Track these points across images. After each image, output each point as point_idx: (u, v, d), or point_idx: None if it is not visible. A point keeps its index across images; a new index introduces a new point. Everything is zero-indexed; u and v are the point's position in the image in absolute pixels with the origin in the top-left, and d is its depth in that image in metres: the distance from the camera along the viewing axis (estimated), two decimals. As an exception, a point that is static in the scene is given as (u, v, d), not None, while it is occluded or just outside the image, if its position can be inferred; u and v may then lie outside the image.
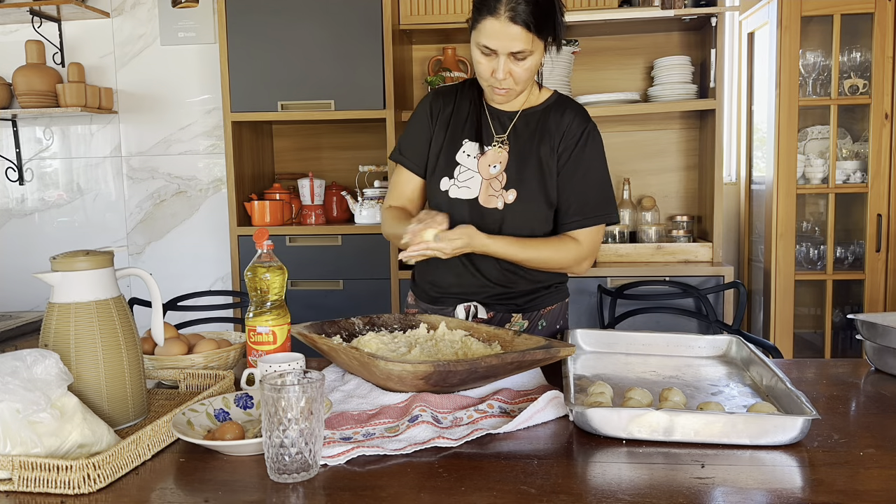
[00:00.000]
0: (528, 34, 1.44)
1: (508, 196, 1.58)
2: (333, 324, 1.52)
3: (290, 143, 3.43)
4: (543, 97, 1.65)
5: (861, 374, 1.43)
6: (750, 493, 0.90)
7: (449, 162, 1.63)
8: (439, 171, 1.64)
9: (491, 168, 1.60)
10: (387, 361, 1.18)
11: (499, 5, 1.42)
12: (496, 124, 1.64)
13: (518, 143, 1.61)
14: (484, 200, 1.59)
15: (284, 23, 2.92)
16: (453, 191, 1.61)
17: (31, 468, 0.92)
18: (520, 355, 1.24)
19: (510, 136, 1.62)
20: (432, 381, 1.19)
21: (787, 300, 2.92)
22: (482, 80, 1.55)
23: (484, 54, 1.49)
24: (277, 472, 0.95)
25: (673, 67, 2.97)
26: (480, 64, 1.51)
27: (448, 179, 1.62)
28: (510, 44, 1.45)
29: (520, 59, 1.48)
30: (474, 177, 1.61)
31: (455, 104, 1.67)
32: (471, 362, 1.19)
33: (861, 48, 2.90)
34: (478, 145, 1.62)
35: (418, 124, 1.69)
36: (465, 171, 1.61)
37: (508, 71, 1.49)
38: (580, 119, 1.61)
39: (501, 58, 1.47)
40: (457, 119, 1.65)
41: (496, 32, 1.44)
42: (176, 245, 3.51)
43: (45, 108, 3.22)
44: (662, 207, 3.24)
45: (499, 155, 1.61)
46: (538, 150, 1.60)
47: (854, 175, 2.94)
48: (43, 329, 1.13)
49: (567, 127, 1.60)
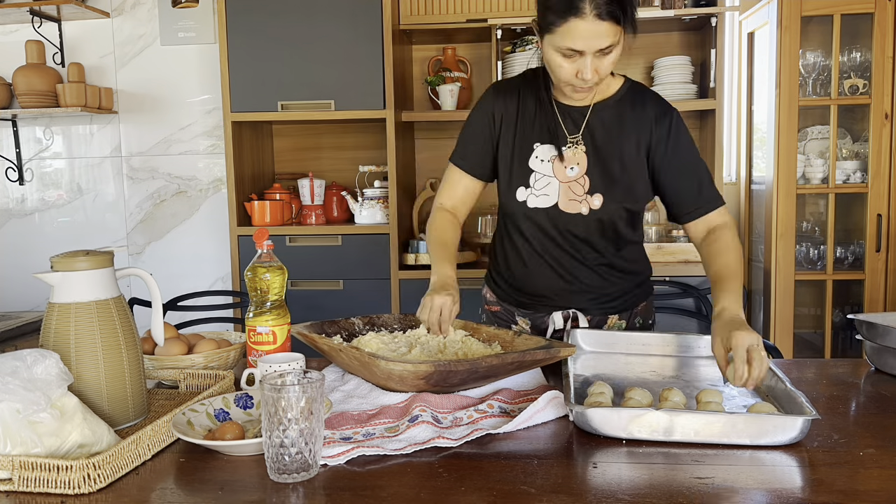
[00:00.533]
0: (615, 27, 1.34)
1: (594, 201, 1.51)
2: (333, 324, 1.52)
3: (290, 143, 3.43)
4: (615, 87, 1.55)
5: (861, 374, 1.43)
6: (750, 493, 0.90)
7: (523, 169, 1.54)
8: (514, 180, 1.55)
9: (568, 171, 1.51)
10: (387, 361, 1.18)
11: (583, 4, 1.31)
12: (569, 123, 1.53)
13: (596, 142, 1.52)
14: (564, 206, 1.52)
15: (284, 23, 2.92)
16: (531, 200, 1.53)
17: (31, 468, 0.92)
18: (520, 355, 1.24)
19: (584, 134, 1.52)
20: (433, 380, 1.19)
21: (787, 300, 2.92)
22: (562, 82, 1.44)
23: (567, 57, 1.38)
24: (277, 472, 0.95)
25: (673, 67, 2.97)
26: (562, 68, 1.39)
27: (524, 189, 1.53)
28: (599, 41, 1.34)
29: (606, 54, 1.38)
30: (551, 182, 1.52)
31: (520, 102, 1.56)
32: (471, 362, 1.19)
33: (861, 48, 2.90)
34: (552, 148, 1.52)
35: (480, 125, 1.58)
36: (542, 177, 1.52)
37: (595, 68, 1.38)
38: (663, 107, 1.53)
39: (588, 57, 1.36)
40: (524, 120, 1.55)
41: (584, 32, 1.33)
42: (176, 245, 3.51)
43: (45, 108, 3.22)
44: (663, 207, 3.23)
45: (576, 156, 1.51)
46: (621, 147, 1.51)
47: (854, 175, 2.94)
48: (43, 329, 1.13)
49: (653, 119, 1.51)
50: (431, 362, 1.17)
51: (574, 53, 1.37)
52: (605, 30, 1.33)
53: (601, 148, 1.52)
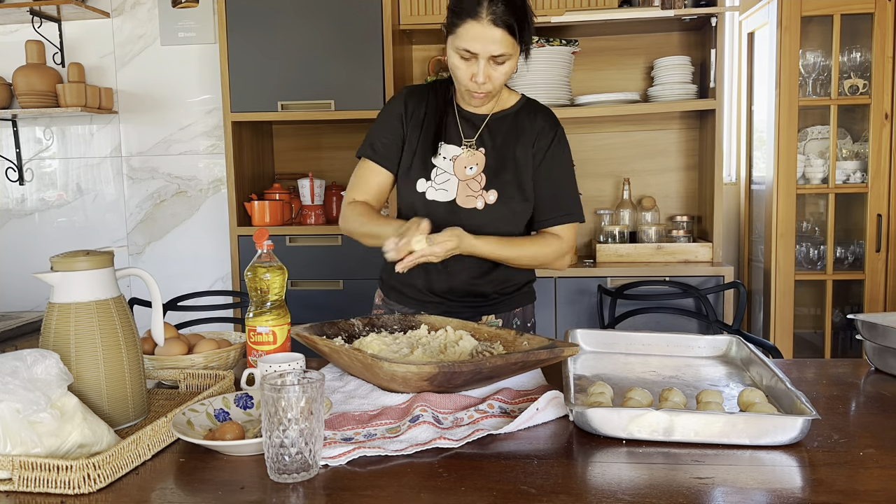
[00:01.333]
0: (508, 37, 1.46)
1: (489, 197, 1.61)
2: (333, 325, 1.52)
3: (290, 143, 3.43)
4: (513, 100, 1.69)
5: (861, 374, 1.43)
6: (750, 493, 0.90)
7: (425, 164, 1.64)
8: (415, 172, 1.64)
9: (467, 170, 1.62)
10: (391, 363, 1.18)
11: (480, 9, 1.44)
12: (467, 127, 1.65)
13: (493, 145, 1.64)
14: (461, 201, 1.61)
15: (284, 23, 2.92)
16: (430, 192, 1.62)
17: (31, 468, 0.92)
18: (524, 355, 1.24)
19: (482, 138, 1.64)
20: (437, 381, 1.19)
21: (787, 300, 2.92)
22: (460, 84, 1.56)
23: (463, 58, 1.50)
24: (277, 472, 0.95)
25: (673, 67, 2.97)
26: (460, 69, 1.52)
27: (425, 181, 1.63)
28: (492, 47, 1.46)
29: (499, 63, 1.50)
30: (451, 179, 1.62)
31: (428, 105, 1.67)
32: (475, 363, 1.19)
33: (861, 48, 2.90)
34: (453, 147, 1.64)
35: (391, 122, 1.68)
36: (442, 173, 1.63)
37: (488, 75, 1.50)
38: (552, 122, 1.67)
39: (482, 61, 1.49)
40: (431, 120, 1.66)
41: (478, 36, 1.45)
42: (176, 245, 3.51)
43: (45, 108, 3.22)
44: (662, 207, 3.24)
45: (474, 157, 1.63)
46: (514, 151, 1.63)
47: (854, 175, 2.94)
48: (43, 329, 1.13)
49: (541, 129, 1.65)
50: (435, 363, 1.17)
51: (470, 56, 1.49)
52: (498, 36, 1.45)
53: (498, 151, 1.64)
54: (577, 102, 2.98)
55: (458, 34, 1.48)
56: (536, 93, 2.94)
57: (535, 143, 1.64)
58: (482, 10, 1.44)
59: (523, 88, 2.95)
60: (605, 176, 3.28)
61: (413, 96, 1.68)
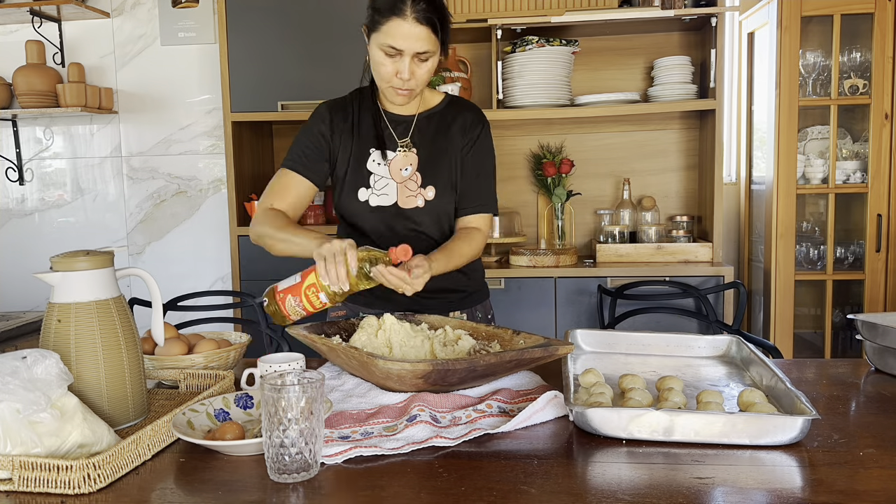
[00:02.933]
0: (431, 35, 1.50)
1: (428, 193, 1.64)
2: (333, 324, 1.52)
3: (289, 143, 3.41)
4: (437, 99, 1.71)
5: (861, 374, 1.43)
6: (750, 493, 0.90)
7: (362, 172, 1.64)
8: (353, 183, 1.64)
9: (403, 171, 1.64)
10: (386, 360, 1.18)
11: (404, 6, 1.47)
12: (398, 129, 1.67)
13: (424, 142, 1.66)
14: (403, 203, 1.63)
15: (284, 23, 2.92)
16: (373, 199, 1.63)
17: (31, 468, 0.92)
18: (518, 353, 1.24)
19: (413, 138, 1.67)
20: (431, 379, 1.19)
21: (787, 300, 2.92)
22: (383, 81, 1.57)
23: (388, 55, 1.52)
24: (277, 472, 0.95)
25: (673, 67, 2.97)
26: (384, 65, 1.54)
27: (365, 189, 1.64)
28: (416, 44, 1.49)
29: (423, 60, 1.53)
30: (389, 183, 1.64)
31: (354, 115, 1.68)
32: (470, 360, 1.19)
33: (861, 48, 2.90)
34: (386, 152, 1.65)
35: (314, 137, 1.67)
36: (380, 178, 1.64)
37: (412, 71, 1.53)
38: (478, 117, 1.71)
39: (406, 58, 1.51)
40: (360, 129, 1.67)
41: (403, 33, 1.48)
42: (176, 245, 3.51)
43: (46, 108, 3.22)
44: (662, 207, 3.24)
45: (407, 158, 1.65)
46: (445, 146, 1.66)
47: (854, 175, 2.94)
48: (43, 329, 1.13)
49: (469, 124, 1.68)
50: (430, 361, 1.18)
51: (395, 52, 1.51)
52: (423, 34, 1.49)
53: (429, 148, 1.66)
54: (577, 102, 2.99)
55: (382, 31, 1.51)
56: (536, 93, 2.95)
57: (464, 137, 1.67)
58: (406, 8, 1.47)
59: (523, 88, 2.96)
60: (605, 176, 3.28)
61: (337, 110, 1.69)
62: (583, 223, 3.29)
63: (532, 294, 2.87)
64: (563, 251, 2.97)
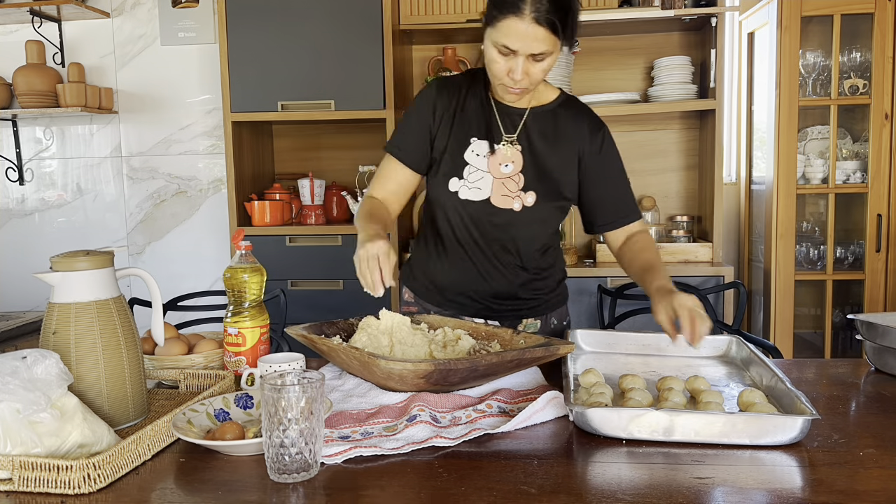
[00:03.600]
0: (551, 36, 1.38)
1: (527, 199, 1.55)
2: (332, 325, 1.51)
3: (290, 143, 3.43)
4: (552, 95, 1.61)
5: (861, 374, 1.43)
6: (750, 493, 0.90)
7: (457, 161, 1.56)
8: (447, 170, 1.56)
9: (503, 167, 1.55)
10: (387, 361, 1.18)
11: (523, 5, 1.35)
12: (506, 122, 1.57)
13: (532, 143, 1.57)
14: (497, 201, 1.55)
15: (284, 23, 2.92)
16: (463, 192, 1.55)
17: (31, 468, 0.92)
18: (520, 353, 1.24)
19: (521, 134, 1.57)
20: (433, 379, 1.19)
21: (787, 300, 2.92)
22: (495, 78, 1.48)
23: (502, 54, 1.42)
24: (277, 472, 0.95)
25: (673, 67, 2.97)
26: (496, 63, 1.43)
27: (458, 180, 1.55)
28: (533, 45, 1.38)
29: (538, 60, 1.42)
30: (485, 177, 1.55)
31: (460, 99, 1.59)
32: (471, 360, 1.19)
33: (861, 48, 2.90)
34: (487, 143, 1.56)
35: (419, 117, 1.59)
36: (476, 171, 1.55)
37: (525, 71, 1.42)
38: (595, 121, 1.62)
39: (520, 58, 1.40)
40: (463, 115, 1.58)
41: (520, 33, 1.37)
42: (176, 245, 3.51)
43: (46, 108, 3.22)
44: (662, 207, 3.24)
45: (511, 154, 1.56)
46: (555, 151, 1.57)
47: (854, 175, 2.94)
48: (43, 329, 1.13)
49: (587, 131, 1.59)
50: (431, 361, 1.18)
51: (508, 51, 1.41)
52: (540, 34, 1.37)
53: (537, 149, 1.57)
54: (577, 102, 2.98)
55: (497, 28, 1.39)
56: (536, 93, 2.94)
57: (585, 147, 1.58)
58: (525, 7, 1.35)
59: (523, 88, 2.96)
60: (605, 176, 3.28)
61: (444, 90, 1.59)
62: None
63: (532, 294, 2.87)
64: (564, 251, 2.97)
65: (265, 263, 1.47)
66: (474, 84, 1.60)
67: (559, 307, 1.73)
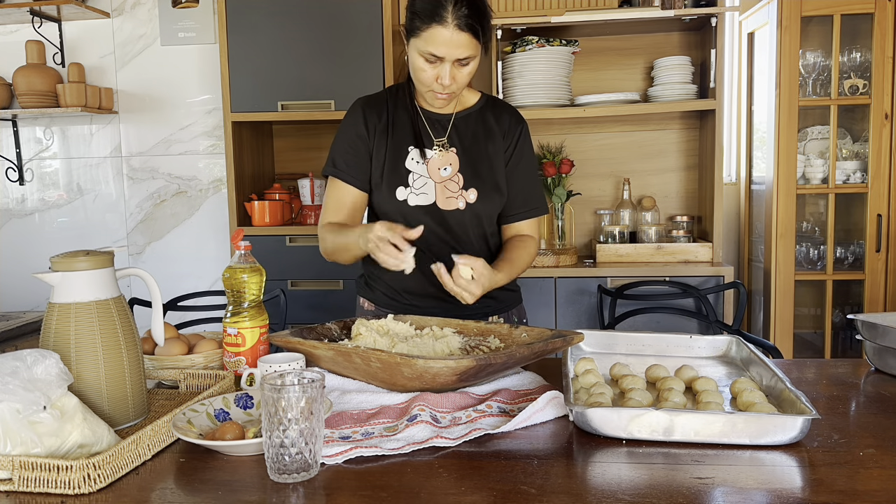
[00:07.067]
0: (473, 40, 1.46)
1: (469, 196, 1.61)
2: (311, 330, 1.47)
3: (290, 143, 3.43)
4: (474, 99, 1.69)
5: (861, 374, 1.43)
6: (750, 493, 0.90)
7: (399, 171, 1.61)
8: (390, 181, 1.61)
9: (442, 171, 1.61)
10: (426, 360, 1.16)
11: (445, 13, 1.43)
12: (436, 127, 1.65)
13: (464, 143, 1.64)
14: (442, 203, 1.60)
15: (284, 23, 2.92)
16: (412, 199, 1.60)
17: (31, 468, 0.92)
18: (544, 344, 1.29)
19: (451, 138, 1.64)
20: (470, 374, 1.19)
21: (787, 300, 2.92)
22: (423, 85, 1.55)
23: (429, 62, 1.50)
24: (277, 472, 0.95)
25: (673, 67, 2.97)
26: (424, 71, 1.51)
27: (404, 188, 1.60)
28: (457, 51, 1.46)
29: (464, 65, 1.50)
30: (428, 182, 1.61)
31: (388, 112, 1.65)
32: (507, 354, 1.21)
33: (861, 48, 2.90)
34: (420, 151, 1.62)
35: (353, 137, 1.63)
36: (419, 177, 1.61)
37: (452, 76, 1.50)
38: (516, 118, 1.69)
39: (447, 64, 1.49)
40: (395, 127, 1.63)
41: (444, 40, 1.45)
42: (176, 245, 3.51)
43: (46, 108, 3.22)
44: (662, 207, 3.24)
45: (447, 157, 1.62)
46: (486, 148, 1.64)
47: (854, 175, 2.94)
48: (43, 329, 1.13)
49: (508, 126, 1.67)
50: (472, 357, 1.18)
51: (435, 59, 1.49)
52: (464, 40, 1.45)
53: (469, 149, 1.64)
54: (577, 102, 2.99)
55: (422, 37, 1.47)
56: (536, 93, 2.95)
57: (505, 140, 1.65)
58: (448, 15, 1.43)
59: (523, 88, 2.96)
60: (605, 176, 3.28)
61: (371, 107, 1.65)
62: (583, 223, 3.29)
63: (532, 294, 2.87)
64: (564, 251, 2.98)
65: (265, 263, 1.47)
66: (399, 97, 1.68)
67: (517, 304, 1.78)
